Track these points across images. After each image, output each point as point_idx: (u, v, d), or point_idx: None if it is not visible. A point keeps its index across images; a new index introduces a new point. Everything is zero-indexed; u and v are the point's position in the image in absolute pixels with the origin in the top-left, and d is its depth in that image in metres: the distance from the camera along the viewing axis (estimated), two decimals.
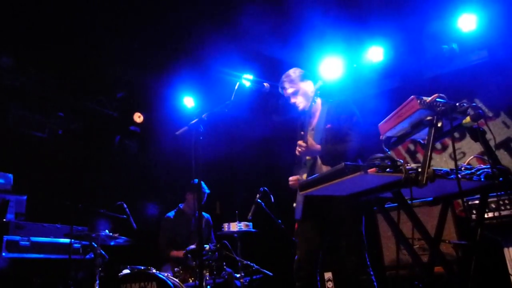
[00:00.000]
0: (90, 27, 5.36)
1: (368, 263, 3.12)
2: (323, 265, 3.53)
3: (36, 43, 5.35)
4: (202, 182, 5.17)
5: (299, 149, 3.17)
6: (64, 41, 5.40)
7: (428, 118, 2.18)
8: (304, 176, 3.25)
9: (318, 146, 3.18)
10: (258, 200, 4.57)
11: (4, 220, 4.63)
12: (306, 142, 3.15)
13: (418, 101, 2.18)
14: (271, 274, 4.69)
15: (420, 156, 5.88)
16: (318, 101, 3.47)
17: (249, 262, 4.55)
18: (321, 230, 3.26)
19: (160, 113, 7.00)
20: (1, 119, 5.69)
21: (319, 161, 3.27)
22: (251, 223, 4.53)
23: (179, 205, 5.35)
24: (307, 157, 3.28)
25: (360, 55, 5.86)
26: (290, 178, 3.35)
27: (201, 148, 3.00)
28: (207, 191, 5.24)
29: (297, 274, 3.23)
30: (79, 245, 4.93)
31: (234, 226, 4.47)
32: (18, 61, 5.61)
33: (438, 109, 2.18)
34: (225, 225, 4.54)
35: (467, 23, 5.21)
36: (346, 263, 3.12)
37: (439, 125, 2.15)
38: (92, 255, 4.37)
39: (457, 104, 2.23)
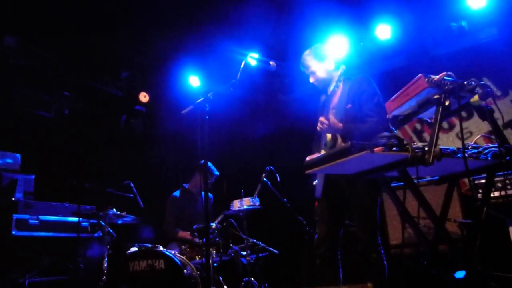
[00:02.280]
0: (95, 6, 5.31)
1: (380, 241, 3.13)
2: None
3: (41, 22, 5.32)
4: (211, 164, 5.16)
5: (321, 126, 3.11)
6: (69, 20, 5.36)
7: (436, 96, 2.16)
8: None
9: (340, 125, 3.12)
10: (264, 179, 4.58)
11: (13, 199, 4.69)
12: (328, 119, 3.10)
13: (426, 80, 2.16)
14: (276, 252, 4.75)
15: (426, 136, 5.86)
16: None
17: (255, 240, 4.59)
18: (340, 208, 3.27)
19: (166, 93, 6.99)
20: (7, 98, 5.71)
21: (339, 141, 3.23)
22: (258, 199, 4.53)
23: (183, 184, 5.35)
24: (328, 138, 3.24)
25: (367, 33, 5.78)
26: (308, 158, 3.28)
27: (208, 127, 3.00)
28: (217, 173, 5.22)
29: (317, 251, 3.26)
30: (87, 223, 5.00)
31: (248, 202, 4.44)
32: (23, 40, 5.58)
33: (446, 87, 2.17)
34: (236, 202, 4.51)
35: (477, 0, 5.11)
36: (358, 241, 3.14)
37: (446, 103, 2.13)
38: (100, 233, 4.43)
39: (465, 82, 2.21)
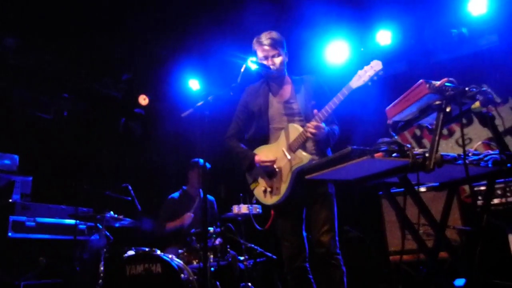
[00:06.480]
0: (96, 9, 5.31)
1: (338, 244, 3.06)
2: None
3: (42, 23, 5.31)
4: (202, 160, 5.17)
5: (317, 131, 2.94)
6: (69, 22, 5.35)
7: (437, 102, 2.14)
8: (284, 156, 3.07)
9: (326, 128, 3.05)
10: None
11: (10, 200, 4.67)
12: (319, 122, 2.94)
13: (427, 85, 2.15)
14: (274, 257, 4.71)
15: (426, 142, 5.85)
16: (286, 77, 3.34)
17: (253, 245, 4.57)
18: (302, 215, 3.18)
19: (165, 96, 6.99)
20: (6, 100, 5.70)
21: (311, 143, 3.13)
22: (260, 206, 4.51)
23: (183, 186, 5.35)
24: (293, 137, 3.06)
25: (368, 38, 5.78)
26: (264, 159, 3.13)
27: (206, 131, 2.99)
28: (208, 165, 5.19)
29: (293, 266, 3.09)
30: (84, 226, 4.97)
31: (245, 209, 4.43)
32: (23, 41, 5.58)
33: (447, 93, 2.15)
34: (235, 207, 4.49)
35: (478, 6, 5.10)
36: (322, 245, 3.01)
37: (447, 109, 2.11)
38: (97, 236, 4.40)
39: (466, 88, 2.19)
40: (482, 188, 3.75)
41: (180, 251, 4.50)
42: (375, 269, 4.92)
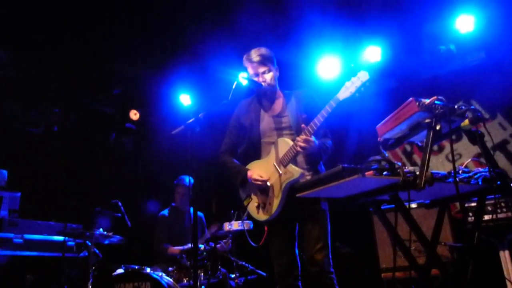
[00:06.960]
0: (88, 23, 5.31)
1: (332, 263, 3.01)
2: None
3: (32, 37, 5.30)
4: (185, 176, 5.17)
5: (306, 145, 2.88)
6: (61, 36, 5.35)
7: (427, 120, 2.15)
8: (275, 171, 3.04)
9: (316, 142, 2.99)
10: None
11: None
12: (308, 136, 2.89)
13: (417, 103, 2.16)
14: (265, 274, 4.67)
15: (416, 157, 5.87)
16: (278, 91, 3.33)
17: (244, 263, 4.52)
18: (295, 231, 3.13)
19: (156, 111, 6.97)
20: None
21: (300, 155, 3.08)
22: (251, 222, 4.47)
23: (172, 203, 5.33)
24: (282, 152, 3.01)
25: (358, 55, 5.84)
26: (255, 177, 3.07)
27: (198, 147, 2.97)
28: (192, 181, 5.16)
29: (285, 283, 3.04)
30: (73, 243, 4.90)
31: (236, 225, 4.39)
32: (13, 55, 5.55)
33: (437, 111, 2.16)
34: (226, 224, 4.45)
35: (465, 24, 5.20)
36: (315, 263, 2.96)
37: (437, 127, 2.13)
38: (86, 254, 4.34)
39: (456, 106, 2.21)
40: (473, 204, 3.76)
41: (170, 268, 4.45)
42: (367, 286, 4.89)
